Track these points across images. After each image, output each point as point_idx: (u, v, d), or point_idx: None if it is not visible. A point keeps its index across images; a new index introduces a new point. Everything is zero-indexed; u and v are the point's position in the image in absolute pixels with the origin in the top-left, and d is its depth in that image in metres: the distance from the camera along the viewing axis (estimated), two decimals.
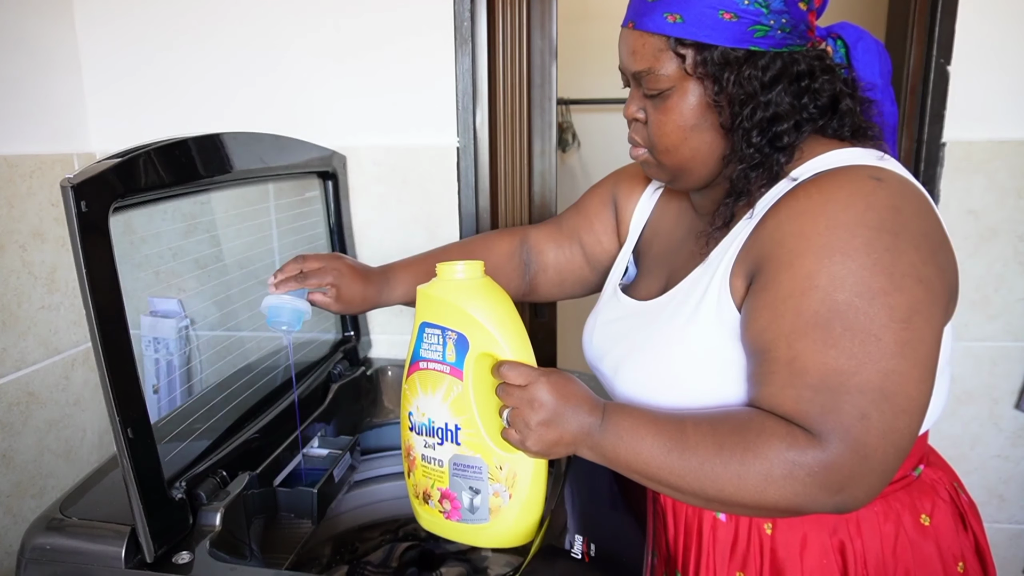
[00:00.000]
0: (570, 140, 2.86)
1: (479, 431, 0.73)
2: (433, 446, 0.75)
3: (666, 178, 0.80)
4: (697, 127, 0.73)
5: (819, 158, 0.72)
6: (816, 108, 0.72)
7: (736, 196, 0.74)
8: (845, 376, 0.63)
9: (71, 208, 0.65)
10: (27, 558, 0.74)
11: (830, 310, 0.63)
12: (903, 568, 0.75)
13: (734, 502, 0.66)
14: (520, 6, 1.26)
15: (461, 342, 0.72)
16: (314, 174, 1.25)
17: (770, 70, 0.70)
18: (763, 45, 0.69)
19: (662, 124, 0.74)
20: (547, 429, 0.69)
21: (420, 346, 0.75)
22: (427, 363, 0.75)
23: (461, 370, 0.72)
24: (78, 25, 1.32)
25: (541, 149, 1.34)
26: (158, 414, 1.37)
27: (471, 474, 0.74)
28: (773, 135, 0.71)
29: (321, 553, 1.10)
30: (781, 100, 0.71)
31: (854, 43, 0.77)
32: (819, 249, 0.64)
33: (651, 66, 0.72)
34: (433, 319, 0.75)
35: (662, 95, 0.73)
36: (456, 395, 0.73)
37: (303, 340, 1.27)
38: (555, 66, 1.30)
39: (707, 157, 0.75)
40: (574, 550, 0.75)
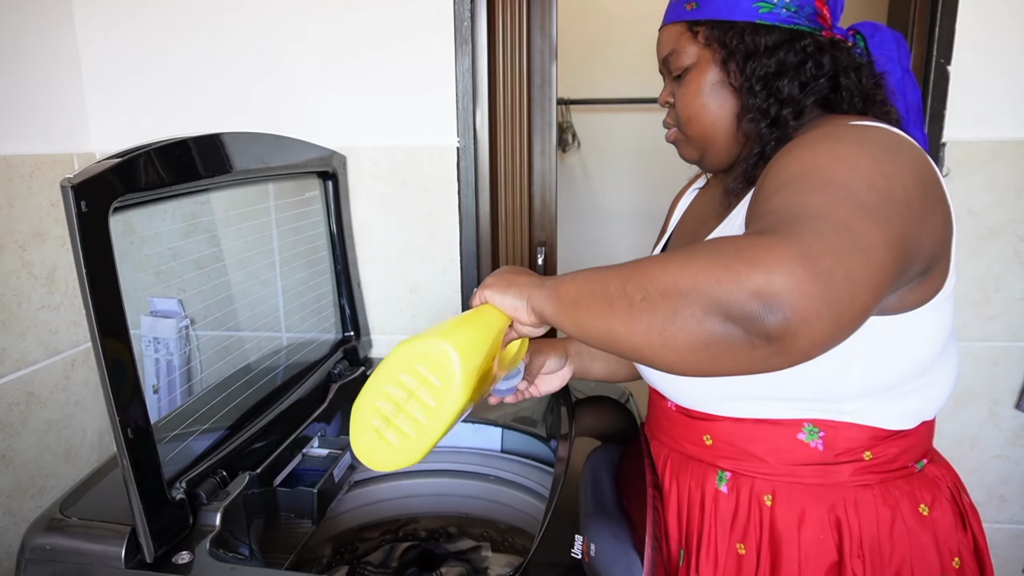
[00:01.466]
0: (570, 140, 2.86)
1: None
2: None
3: (695, 154, 0.87)
4: (712, 92, 0.81)
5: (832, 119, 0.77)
6: (819, 73, 0.78)
7: (756, 158, 0.79)
8: (813, 208, 0.56)
9: (71, 208, 0.65)
10: (27, 558, 0.74)
11: (811, 166, 0.62)
12: (899, 553, 0.77)
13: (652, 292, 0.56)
14: (520, 6, 1.26)
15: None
16: (314, 174, 1.25)
17: (773, 39, 0.77)
18: (768, 19, 0.77)
19: (684, 95, 0.83)
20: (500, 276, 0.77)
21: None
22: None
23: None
24: (78, 25, 1.32)
25: (541, 149, 1.34)
26: (158, 414, 1.37)
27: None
28: (775, 88, 0.77)
29: (321, 553, 1.10)
30: (783, 59, 0.77)
31: (870, 35, 0.83)
32: (816, 142, 0.67)
33: (674, 47, 0.83)
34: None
35: (684, 73, 0.83)
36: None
37: (303, 340, 1.27)
38: (555, 66, 1.29)
39: (724, 120, 0.81)
40: (574, 550, 0.75)
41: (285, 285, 1.28)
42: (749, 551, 0.81)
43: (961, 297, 1.32)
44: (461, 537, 1.18)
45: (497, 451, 1.20)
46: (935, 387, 0.78)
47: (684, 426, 0.88)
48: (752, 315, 0.51)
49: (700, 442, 0.86)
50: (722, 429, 0.83)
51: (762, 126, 0.78)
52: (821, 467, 0.79)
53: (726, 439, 0.83)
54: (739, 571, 0.81)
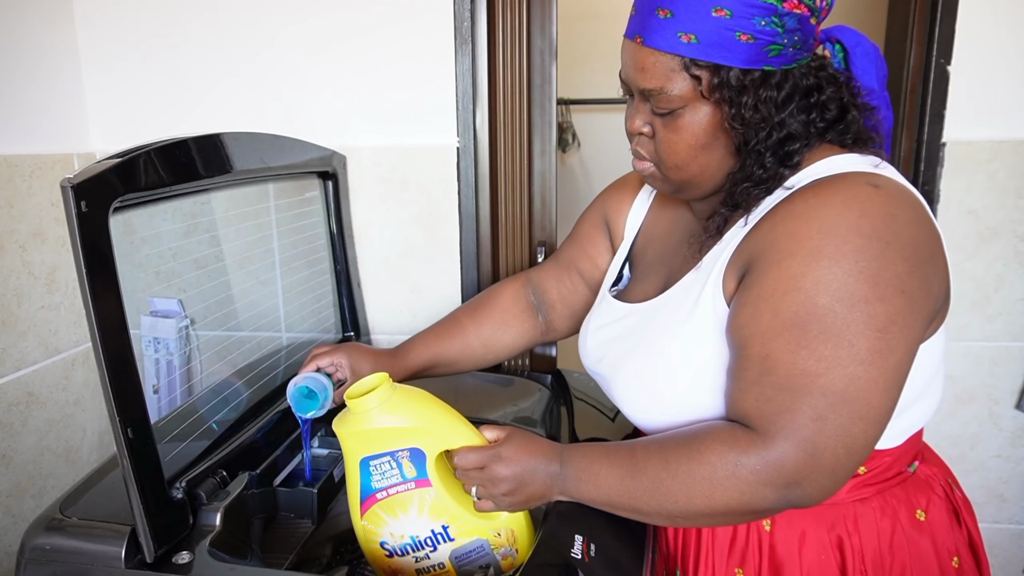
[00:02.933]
0: (570, 140, 2.86)
1: (466, 518, 0.78)
2: (427, 555, 0.78)
3: (670, 190, 0.81)
4: (708, 147, 0.73)
5: (816, 165, 0.73)
6: (824, 122, 0.73)
7: (733, 207, 0.75)
8: (811, 378, 0.64)
9: (71, 208, 0.65)
10: (27, 558, 0.74)
11: (809, 312, 0.64)
12: (899, 563, 0.76)
13: (690, 512, 0.69)
14: (520, 6, 1.26)
15: (416, 455, 0.76)
16: (314, 174, 1.25)
17: (783, 89, 0.70)
18: (775, 64, 0.69)
19: (672, 143, 0.73)
20: (515, 496, 0.75)
21: (369, 480, 0.77)
22: (386, 492, 0.78)
23: (427, 478, 0.77)
24: (78, 25, 1.32)
25: (541, 149, 1.34)
26: (158, 414, 1.37)
27: (476, 556, 0.78)
28: (784, 154, 0.71)
29: (321, 553, 1.10)
30: (794, 119, 0.70)
31: (852, 48, 0.76)
32: (808, 252, 0.65)
33: (663, 85, 0.70)
34: (373, 451, 0.77)
35: (673, 113, 0.72)
36: (431, 502, 0.77)
37: (303, 340, 1.26)
38: (555, 66, 1.29)
39: (715, 173, 0.75)
40: (574, 550, 0.75)
41: (285, 285, 1.28)
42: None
43: (961, 297, 1.32)
44: None
45: None
46: (927, 401, 0.77)
47: None
48: (779, 509, 0.69)
49: None
50: None
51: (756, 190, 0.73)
52: None
53: None
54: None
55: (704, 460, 0.67)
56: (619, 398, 0.83)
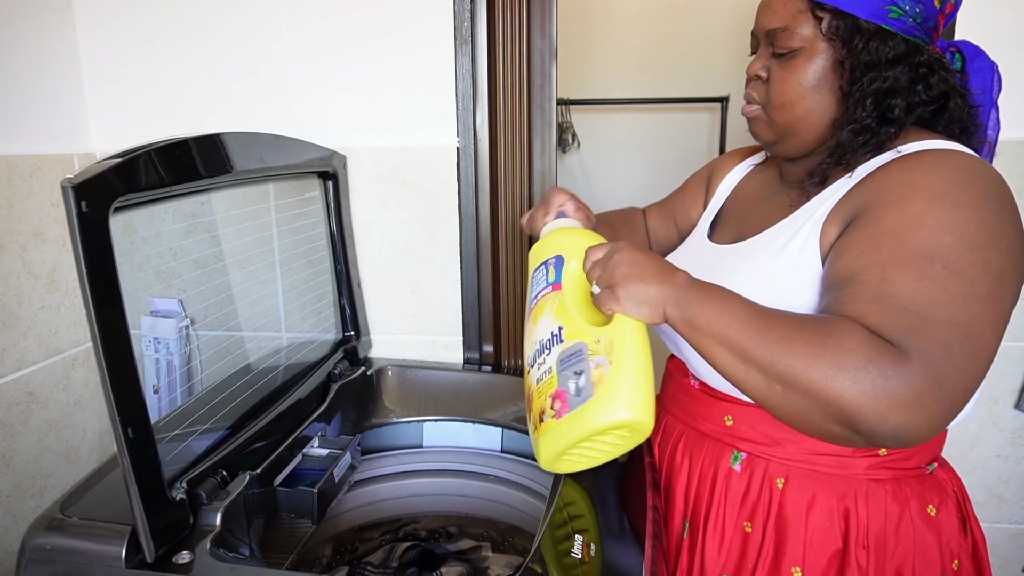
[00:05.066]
0: (570, 140, 2.86)
1: (576, 319, 0.74)
2: (544, 360, 0.75)
3: (772, 137, 0.83)
4: (817, 88, 0.76)
5: (926, 141, 0.75)
6: (928, 97, 0.76)
7: (838, 158, 0.77)
8: (937, 307, 0.63)
9: (71, 208, 0.65)
10: (27, 558, 0.74)
11: (934, 247, 0.65)
12: (903, 549, 0.78)
13: (798, 382, 0.63)
14: (520, 6, 1.26)
15: (558, 262, 0.79)
16: (314, 174, 1.25)
17: (895, 50, 0.73)
18: (894, 26, 0.73)
19: (785, 80, 0.78)
20: (632, 279, 0.71)
21: (533, 291, 0.81)
22: (536, 298, 0.80)
23: (560, 282, 0.78)
24: (78, 25, 1.32)
25: (541, 149, 1.34)
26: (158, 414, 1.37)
27: (574, 360, 0.73)
28: (886, 107, 0.74)
29: (321, 553, 1.10)
30: (900, 77, 0.74)
31: (971, 58, 0.80)
32: (930, 196, 0.67)
33: (789, 24, 0.76)
34: (536, 263, 0.83)
35: (790, 54, 0.77)
36: (557, 303, 0.77)
37: (303, 340, 1.27)
38: (555, 66, 1.29)
39: (818, 120, 0.78)
40: (574, 550, 0.75)
41: (285, 285, 1.28)
42: (755, 530, 0.82)
43: None
44: (461, 537, 1.18)
45: (497, 451, 1.21)
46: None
47: (706, 405, 0.89)
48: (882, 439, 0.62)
49: (720, 422, 0.87)
50: (746, 412, 0.84)
51: (860, 139, 0.76)
52: (839, 458, 0.80)
53: (749, 422, 0.84)
54: (744, 548, 0.83)
55: (842, 342, 0.62)
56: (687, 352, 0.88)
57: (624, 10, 2.75)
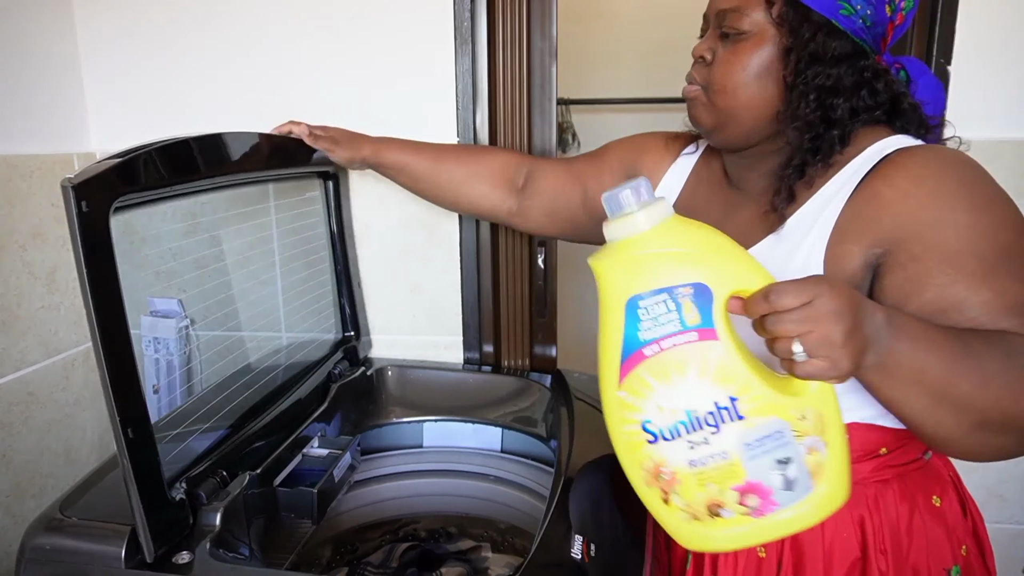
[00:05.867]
0: (570, 140, 2.86)
1: (762, 390, 0.58)
2: (706, 440, 0.59)
3: (710, 123, 0.81)
4: (761, 76, 0.75)
5: (889, 139, 0.75)
6: (873, 102, 0.75)
7: (794, 168, 0.76)
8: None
9: (71, 208, 0.65)
10: (27, 558, 0.74)
11: (1007, 246, 0.66)
12: (916, 546, 0.77)
13: (1008, 414, 0.61)
14: (520, 6, 1.26)
15: (701, 294, 0.58)
16: (315, 175, 1.25)
17: (842, 48, 0.73)
18: (844, 24, 0.72)
19: (730, 63, 0.76)
20: (854, 337, 0.57)
21: (636, 329, 0.59)
22: (657, 345, 0.58)
23: (713, 327, 0.58)
24: (78, 25, 1.32)
25: (541, 149, 1.34)
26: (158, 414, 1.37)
27: (773, 445, 0.59)
28: (828, 105, 0.73)
29: (321, 553, 1.10)
30: (844, 77, 0.73)
31: (917, 76, 0.80)
32: (967, 203, 0.67)
33: (739, 5, 0.75)
34: (644, 287, 0.58)
35: (738, 37, 0.76)
36: (718, 361, 0.58)
37: (303, 340, 1.27)
38: (555, 66, 1.29)
39: (760, 109, 0.76)
40: (574, 550, 0.75)
41: (285, 285, 1.28)
42: (770, 555, 0.80)
43: None
44: (461, 537, 1.18)
45: (497, 451, 1.21)
46: None
47: None
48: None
49: None
50: None
51: (806, 138, 0.75)
52: None
53: None
54: (759, 574, 0.81)
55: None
56: None
57: (624, 10, 2.75)
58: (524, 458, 1.18)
